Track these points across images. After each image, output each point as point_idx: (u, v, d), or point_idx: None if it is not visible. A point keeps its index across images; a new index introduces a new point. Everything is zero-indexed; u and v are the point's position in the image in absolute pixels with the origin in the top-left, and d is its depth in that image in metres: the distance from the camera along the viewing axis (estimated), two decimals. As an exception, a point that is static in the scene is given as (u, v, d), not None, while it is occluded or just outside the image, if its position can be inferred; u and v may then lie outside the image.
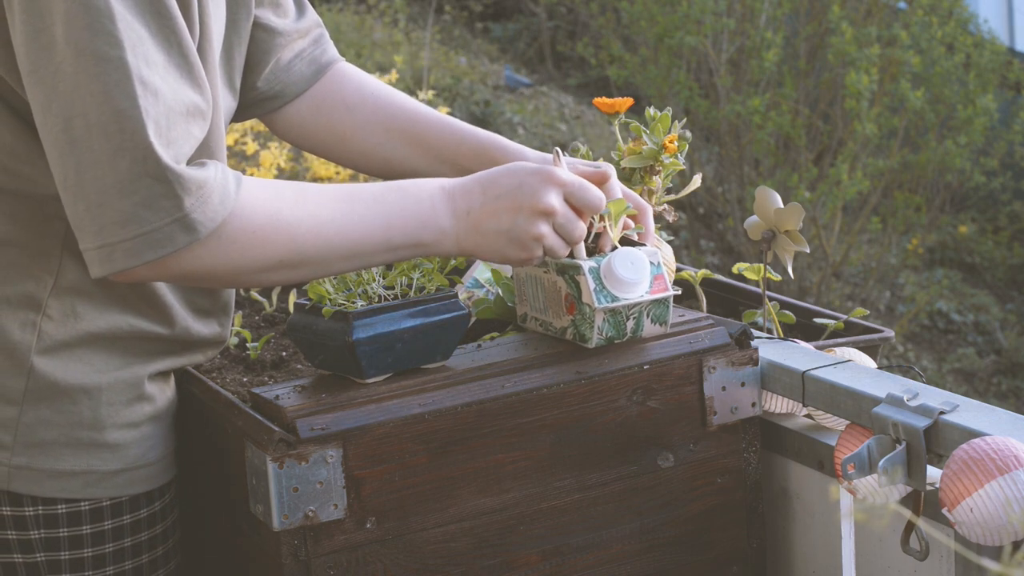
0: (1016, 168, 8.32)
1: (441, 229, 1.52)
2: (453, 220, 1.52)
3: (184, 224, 1.38)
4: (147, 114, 1.36)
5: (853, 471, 1.48)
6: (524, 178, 1.52)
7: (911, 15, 7.21)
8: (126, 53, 1.36)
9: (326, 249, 1.47)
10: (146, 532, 1.60)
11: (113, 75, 1.36)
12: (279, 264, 1.46)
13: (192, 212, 1.38)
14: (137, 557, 1.59)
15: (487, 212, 1.52)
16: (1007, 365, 7.40)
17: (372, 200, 1.50)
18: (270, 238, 1.44)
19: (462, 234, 1.52)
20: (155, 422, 1.59)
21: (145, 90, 1.37)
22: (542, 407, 1.57)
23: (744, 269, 1.94)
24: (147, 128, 1.36)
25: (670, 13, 7.20)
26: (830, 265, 7.02)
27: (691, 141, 1.79)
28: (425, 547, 1.53)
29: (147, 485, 1.59)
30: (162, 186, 1.36)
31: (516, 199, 1.51)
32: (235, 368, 1.84)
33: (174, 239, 1.38)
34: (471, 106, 8.56)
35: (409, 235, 1.51)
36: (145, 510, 1.59)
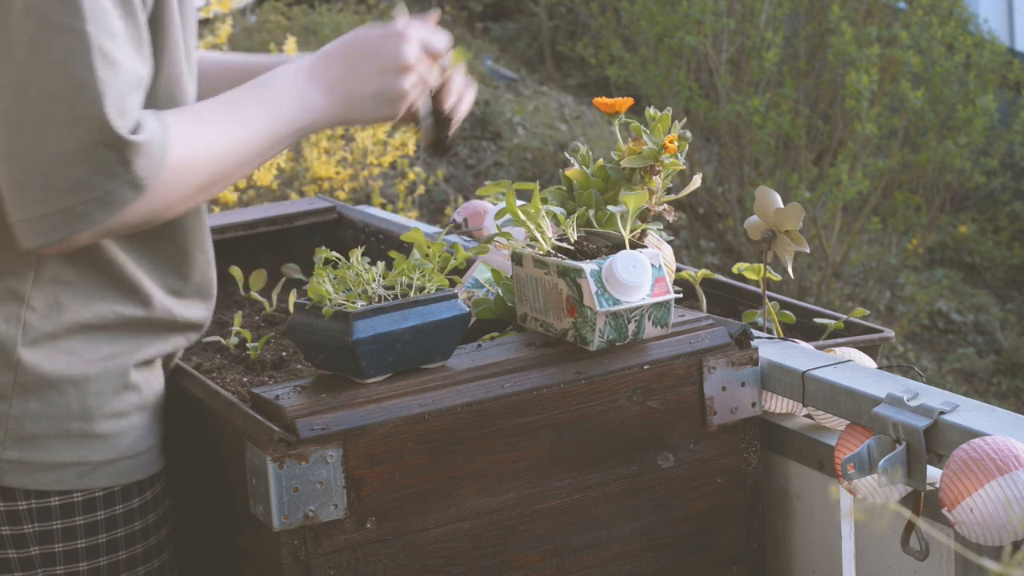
0: (1016, 168, 8.32)
1: (314, 107, 1.58)
2: (323, 95, 1.59)
3: (133, 183, 1.43)
4: (105, 85, 1.40)
5: (853, 471, 1.48)
6: (380, 41, 1.60)
7: (911, 15, 7.21)
8: (87, 24, 1.40)
9: (233, 161, 1.54)
10: (139, 521, 1.61)
11: (74, 46, 1.39)
12: (199, 188, 1.52)
13: (140, 171, 1.43)
14: (131, 547, 1.61)
15: (353, 79, 1.59)
16: (1007, 365, 7.40)
17: (254, 103, 1.57)
18: (192, 169, 1.50)
19: (334, 106, 1.59)
20: (143, 412, 1.61)
21: (104, 62, 1.41)
22: (542, 407, 1.57)
23: (744, 269, 1.94)
24: (104, 99, 1.40)
25: (670, 13, 7.20)
26: (830, 265, 7.02)
27: (691, 141, 1.79)
28: (425, 547, 1.53)
29: (139, 474, 1.60)
30: (116, 153, 1.41)
31: (379, 61, 1.59)
32: (235, 368, 1.84)
33: (124, 198, 1.43)
34: (471, 106, 8.55)
35: (291, 122, 1.58)
36: (137, 499, 1.60)
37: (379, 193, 5.68)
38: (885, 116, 6.94)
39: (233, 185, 1.59)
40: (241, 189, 4.50)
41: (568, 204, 1.77)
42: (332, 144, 4.77)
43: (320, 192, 4.76)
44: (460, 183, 7.96)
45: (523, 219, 1.65)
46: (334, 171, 4.73)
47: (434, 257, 1.61)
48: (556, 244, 1.64)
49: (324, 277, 1.58)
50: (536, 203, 1.64)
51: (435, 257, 1.61)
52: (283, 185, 5.02)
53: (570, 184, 1.78)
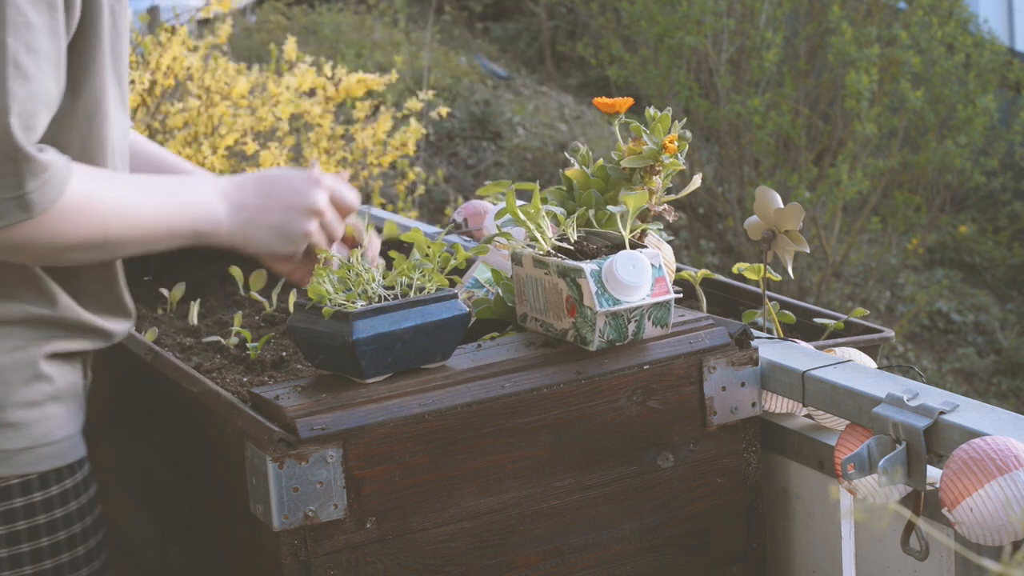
0: (1016, 168, 8.32)
1: (216, 220, 1.63)
2: (228, 213, 1.63)
3: (22, 202, 1.45)
4: (13, 96, 1.43)
5: (853, 471, 1.48)
6: (294, 180, 1.67)
7: (911, 15, 7.21)
8: (7, 35, 1.43)
9: (127, 232, 1.56)
10: (60, 509, 1.62)
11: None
12: (86, 244, 1.54)
13: (31, 192, 1.45)
14: (53, 534, 1.62)
15: (260, 209, 1.65)
16: (1007, 365, 7.40)
17: (162, 190, 1.62)
18: (85, 218, 1.52)
19: (235, 227, 1.63)
20: (57, 402, 1.62)
21: (17, 73, 1.44)
22: (542, 407, 1.57)
23: (744, 269, 1.94)
24: (10, 109, 1.43)
25: (670, 13, 7.20)
26: (830, 265, 7.02)
27: (691, 141, 1.78)
28: (425, 547, 1.53)
29: (55, 462, 1.61)
30: (11, 165, 1.43)
31: (288, 198, 1.65)
32: (235, 368, 1.84)
33: (10, 214, 1.45)
34: (471, 106, 8.55)
35: (189, 224, 1.61)
36: (56, 487, 1.61)
37: (379, 193, 5.68)
38: (885, 116, 6.94)
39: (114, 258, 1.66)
40: (241, 189, 4.49)
41: (568, 204, 1.77)
42: (332, 144, 4.77)
43: (320, 192, 4.75)
44: (460, 183, 7.96)
45: (523, 219, 1.65)
46: (334, 171, 4.72)
47: (434, 257, 1.61)
48: (556, 244, 1.64)
49: (324, 277, 1.58)
50: (536, 203, 1.64)
51: (435, 257, 1.61)
52: (283, 185, 5.01)
53: (570, 184, 1.78)
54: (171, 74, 4.40)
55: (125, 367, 1.88)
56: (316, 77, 4.60)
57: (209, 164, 4.31)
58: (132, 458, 1.94)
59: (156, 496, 1.87)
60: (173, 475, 1.79)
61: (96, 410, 2.05)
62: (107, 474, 2.05)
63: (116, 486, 2.02)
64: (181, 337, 2.04)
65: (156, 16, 6.27)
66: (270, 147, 4.38)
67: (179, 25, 4.42)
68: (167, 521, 1.85)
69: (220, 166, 4.33)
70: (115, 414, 1.98)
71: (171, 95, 4.55)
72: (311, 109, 4.60)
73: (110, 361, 1.93)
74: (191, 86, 4.47)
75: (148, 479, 1.88)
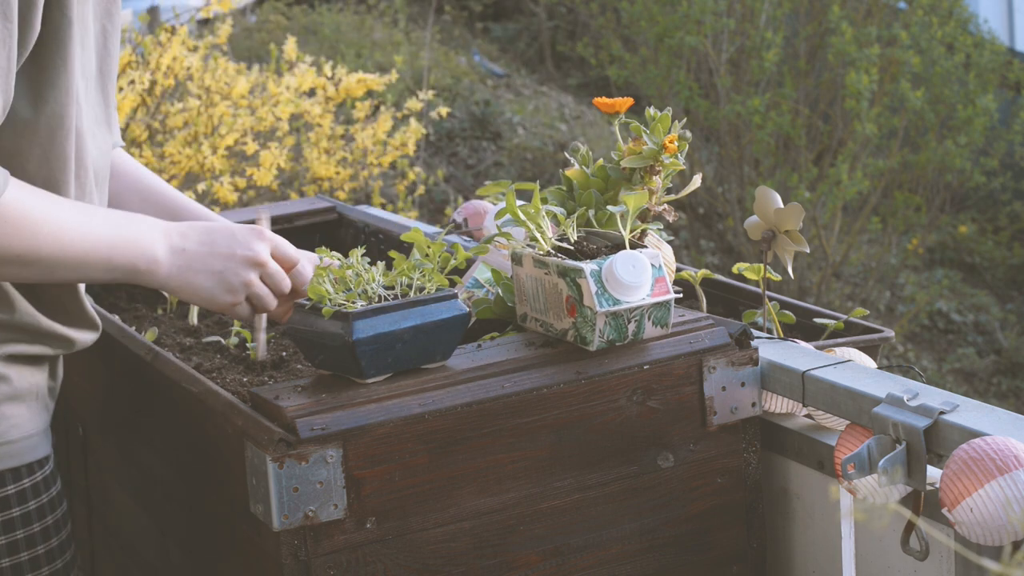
0: (1016, 168, 8.32)
1: (155, 259, 1.62)
2: (168, 255, 1.63)
3: None
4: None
5: (853, 471, 1.48)
6: (237, 230, 1.67)
7: (911, 15, 7.21)
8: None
9: (59, 253, 1.55)
10: (17, 509, 1.63)
11: None
12: (16, 258, 1.52)
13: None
14: (10, 533, 1.62)
15: (200, 254, 1.64)
16: (1007, 365, 7.40)
17: (104, 220, 1.60)
18: (17, 230, 1.51)
19: (174, 269, 1.63)
20: (16, 402, 1.63)
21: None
22: (542, 407, 1.57)
23: (744, 269, 1.94)
24: None
25: (670, 13, 7.20)
26: (830, 265, 7.02)
27: (691, 141, 1.78)
28: (425, 547, 1.53)
29: (11, 462, 1.62)
30: None
31: (230, 246, 1.65)
32: (235, 368, 1.84)
33: None
34: (471, 106, 8.55)
35: (128, 259, 1.60)
36: (12, 487, 1.62)
37: (379, 193, 5.68)
38: (885, 116, 6.94)
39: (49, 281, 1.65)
40: (241, 189, 4.49)
41: (568, 204, 1.77)
42: (332, 144, 4.77)
43: (320, 192, 4.76)
44: (460, 183, 7.96)
45: (523, 219, 1.65)
46: (334, 171, 4.72)
47: (434, 257, 1.61)
48: (556, 244, 1.64)
49: (324, 277, 1.58)
50: (536, 203, 1.64)
51: (435, 257, 1.61)
52: (283, 185, 5.02)
53: (570, 184, 1.78)
54: (171, 74, 4.40)
55: (125, 367, 1.88)
56: (316, 77, 4.60)
57: (209, 164, 4.31)
58: (132, 458, 1.94)
59: (156, 496, 1.87)
60: (173, 475, 1.79)
61: (96, 410, 2.05)
62: (107, 474, 2.05)
63: (116, 486, 2.02)
64: (181, 337, 2.04)
65: (156, 16, 6.27)
66: (270, 147, 4.38)
67: (179, 25, 4.42)
68: (167, 521, 1.85)
69: (220, 166, 4.33)
70: (115, 414, 1.98)
71: (171, 95, 4.55)
72: (311, 109, 4.60)
73: (110, 361, 1.93)
74: (191, 86, 4.47)
75: (148, 479, 1.88)
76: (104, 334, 1.89)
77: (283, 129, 4.60)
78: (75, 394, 2.10)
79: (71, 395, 2.11)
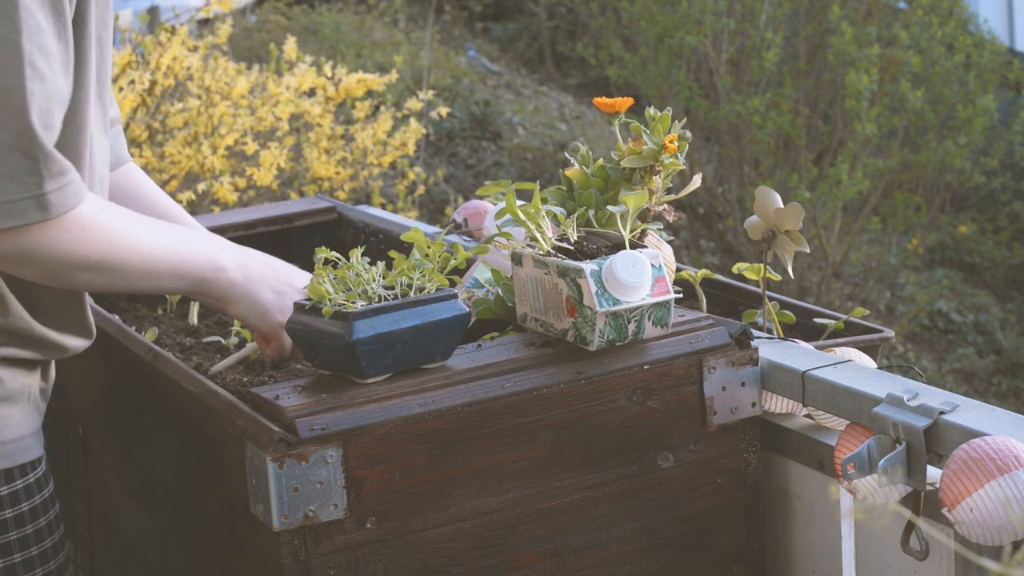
0: (1016, 168, 8.32)
1: (222, 266, 1.67)
2: (234, 264, 1.68)
3: (40, 202, 1.47)
4: (32, 96, 1.45)
5: (853, 471, 1.48)
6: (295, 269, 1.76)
7: (911, 15, 7.21)
8: (22, 38, 1.45)
9: (134, 261, 1.58)
10: (10, 510, 1.63)
11: (7, 55, 1.44)
12: (94, 265, 1.55)
13: (50, 193, 1.47)
14: (3, 534, 1.63)
15: (263, 273, 1.71)
16: (1007, 365, 7.40)
17: (173, 231, 1.67)
18: (95, 236, 1.54)
19: (239, 278, 1.68)
20: (6, 404, 1.63)
21: (34, 74, 1.46)
22: (542, 407, 1.57)
23: (744, 269, 1.94)
24: (30, 107, 1.45)
25: (670, 13, 7.20)
26: (830, 265, 7.02)
27: (691, 141, 1.78)
28: (425, 547, 1.53)
29: (4, 463, 1.62)
30: (30, 162, 1.45)
31: (289, 274, 1.73)
32: (235, 368, 1.84)
33: (27, 214, 1.46)
34: (471, 106, 8.55)
35: (196, 267, 1.65)
36: (5, 488, 1.62)
37: (379, 193, 5.68)
38: (885, 116, 6.94)
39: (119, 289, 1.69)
40: (241, 189, 4.49)
41: (568, 204, 1.77)
42: (332, 144, 4.77)
43: (320, 192, 4.76)
44: (460, 183, 7.96)
45: (523, 219, 1.65)
46: (334, 171, 4.72)
47: (434, 257, 1.61)
48: (556, 244, 1.64)
49: (324, 277, 1.58)
50: (536, 203, 1.64)
51: (435, 257, 1.61)
52: (283, 185, 5.02)
53: (570, 184, 1.78)
54: (171, 74, 4.40)
55: (125, 367, 1.88)
56: (316, 77, 4.60)
57: (209, 164, 4.31)
58: (132, 458, 1.94)
59: (156, 496, 1.87)
60: (173, 475, 1.79)
61: (96, 410, 2.05)
62: (107, 474, 2.05)
63: (116, 486, 2.02)
64: (181, 337, 2.04)
65: (156, 16, 6.27)
66: (270, 147, 4.38)
67: (179, 25, 4.42)
68: (167, 521, 1.85)
69: (220, 166, 4.33)
70: (115, 414, 1.98)
71: (171, 95, 4.55)
72: (311, 109, 4.60)
73: (110, 361, 1.93)
74: (191, 86, 4.47)
75: (148, 479, 1.88)
76: (104, 334, 1.90)
77: (283, 129, 4.60)
78: (75, 394, 2.10)
79: (71, 395, 2.11)
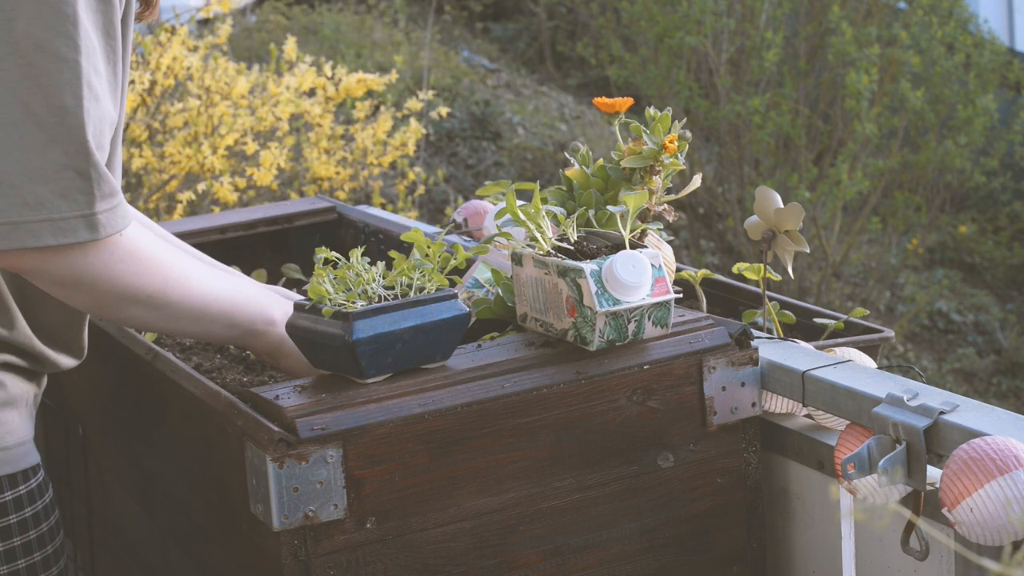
0: (1016, 168, 8.32)
1: (273, 320, 1.67)
2: (283, 320, 1.67)
3: (89, 222, 1.47)
4: (88, 115, 1.46)
5: (853, 471, 1.48)
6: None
7: (911, 15, 7.22)
8: (81, 58, 1.46)
9: (186, 300, 1.58)
10: (14, 516, 1.63)
11: (66, 74, 1.45)
12: (146, 299, 1.55)
13: (100, 213, 1.47)
14: (7, 540, 1.63)
15: None
16: (1007, 365, 7.41)
17: (228, 277, 1.68)
18: (149, 269, 1.54)
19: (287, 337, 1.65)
20: (10, 408, 1.64)
21: (91, 94, 1.47)
22: (542, 407, 1.57)
23: (744, 269, 1.94)
24: (87, 127, 1.46)
25: (670, 13, 7.20)
26: (830, 265, 7.02)
27: (691, 141, 1.78)
28: (425, 547, 1.53)
29: (8, 468, 1.62)
30: (83, 182, 1.45)
31: None
32: (235, 368, 1.84)
33: (77, 232, 1.46)
34: (471, 106, 8.56)
35: (248, 317, 1.65)
36: (9, 493, 1.63)
37: (379, 193, 5.68)
38: (885, 116, 6.94)
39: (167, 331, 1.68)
40: (241, 189, 4.49)
41: (568, 204, 1.77)
42: (332, 144, 4.77)
43: (320, 192, 4.76)
44: (460, 183, 7.96)
45: (523, 219, 1.65)
46: (334, 171, 4.72)
47: (434, 257, 1.61)
48: (556, 244, 1.64)
49: (324, 277, 1.58)
50: (536, 203, 1.64)
51: (435, 257, 1.61)
52: (283, 185, 5.02)
53: (570, 184, 1.78)
54: (171, 74, 4.40)
55: (125, 367, 1.88)
56: (316, 77, 4.60)
57: (209, 164, 4.31)
58: (132, 458, 1.94)
59: (156, 496, 1.87)
60: (173, 474, 1.79)
61: (96, 410, 2.05)
62: (107, 474, 2.05)
63: (116, 486, 2.02)
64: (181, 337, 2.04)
65: (156, 16, 6.25)
66: (270, 147, 4.38)
67: (179, 25, 4.42)
68: (167, 521, 1.85)
69: (220, 166, 4.33)
70: (115, 414, 1.98)
71: (171, 95, 4.55)
72: (311, 109, 4.60)
73: (110, 361, 1.93)
74: (191, 86, 4.47)
75: (148, 479, 1.88)
76: (104, 334, 1.90)
77: (283, 129, 4.60)
78: (75, 394, 2.10)
79: (71, 395, 2.11)
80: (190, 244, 1.98)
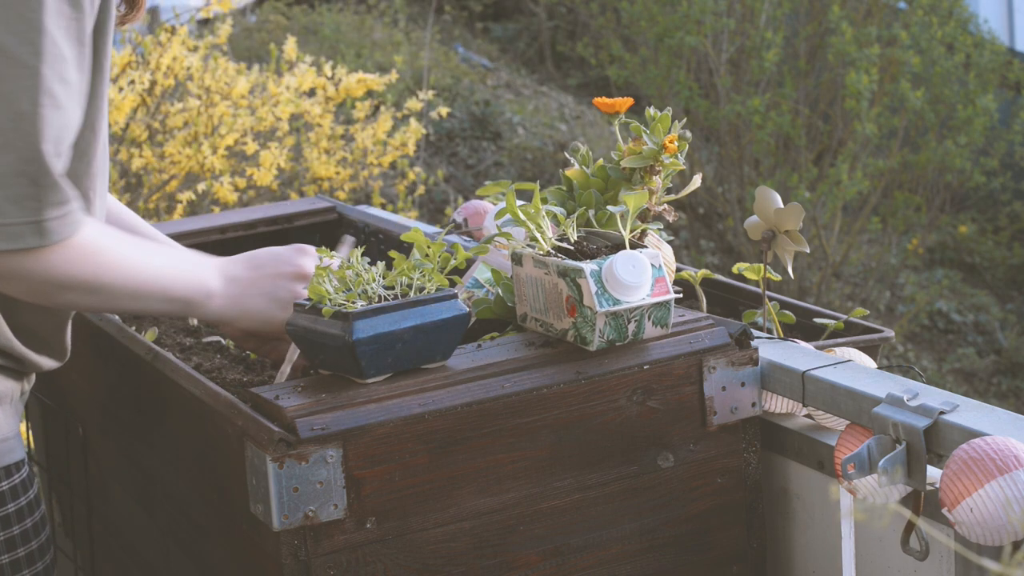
0: (1016, 168, 8.32)
1: (210, 291, 1.67)
2: (221, 285, 1.68)
3: (39, 228, 1.47)
4: (46, 123, 1.46)
5: (853, 471, 1.48)
6: (279, 249, 1.74)
7: (911, 15, 7.22)
8: (43, 65, 1.46)
9: (122, 281, 1.59)
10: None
11: (25, 81, 1.45)
12: (81, 285, 1.55)
13: (50, 221, 1.48)
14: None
15: (250, 278, 1.70)
16: (1007, 365, 7.41)
17: (162, 252, 1.68)
18: (82, 256, 1.54)
19: (228, 300, 1.68)
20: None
21: (52, 102, 1.47)
22: (542, 407, 1.57)
23: (744, 269, 1.94)
24: (42, 135, 1.46)
25: (670, 13, 7.21)
26: (830, 265, 7.02)
27: (691, 141, 1.78)
28: (425, 547, 1.53)
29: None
30: (34, 189, 1.46)
31: (275, 265, 1.71)
32: (235, 368, 1.84)
33: (24, 238, 1.47)
34: (471, 106, 8.55)
35: (184, 290, 1.65)
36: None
37: (379, 193, 5.68)
38: (885, 116, 6.94)
39: (110, 309, 1.71)
40: (241, 189, 4.49)
41: (568, 204, 1.77)
42: (332, 144, 4.77)
43: (320, 192, 4.76)
44: (460, 183, 7.96)
45: (523, 219, 1.65)
46: (334, 171, 4.72)
47: (434, 257, 1.61)
48: (556, 244, 1.64)
49: (324, 277, 1.58)
50: (536, 203, 1.64)
51: (435, 257, 1.61)
52: (283, 185, 5.02)
53: (570, 184, 1.78)
54: (171, 74, 4.40)
55: (125, 367, 1.88)
56: (316, 77, 4.60)
57: (209, 164, 4.31)
58: (132, 458, 1.94)
59: (156, 496, 1.87)
60: (173, 475, 1.79)
61: (96, 410, 2.05)
62: (107, 474, 2.05)
63: (116, 486, 2.02)
64: (181, 337, 2.04)
65: (156, 16, 6.27)
66: (270, 147, 4.38)
67: (179, 25, 4.42)
68: (167, 521, 1.85)
69: (220, 166, 4.33)
70: (115, 414, 1.98)
71: (171, 95, 4.56)
72: (311, 109, 4.60)
73: (110, 361, 1.93)
74: (191, 86, 4.47)
75: (148, 479, 1.88)
76: (104, 334, 1.90)
77: (283, 129, 4.60)
78: (75, 394, 2.10)
79: (71, 395, 2.11)
80: (190, 244, 1.98)
